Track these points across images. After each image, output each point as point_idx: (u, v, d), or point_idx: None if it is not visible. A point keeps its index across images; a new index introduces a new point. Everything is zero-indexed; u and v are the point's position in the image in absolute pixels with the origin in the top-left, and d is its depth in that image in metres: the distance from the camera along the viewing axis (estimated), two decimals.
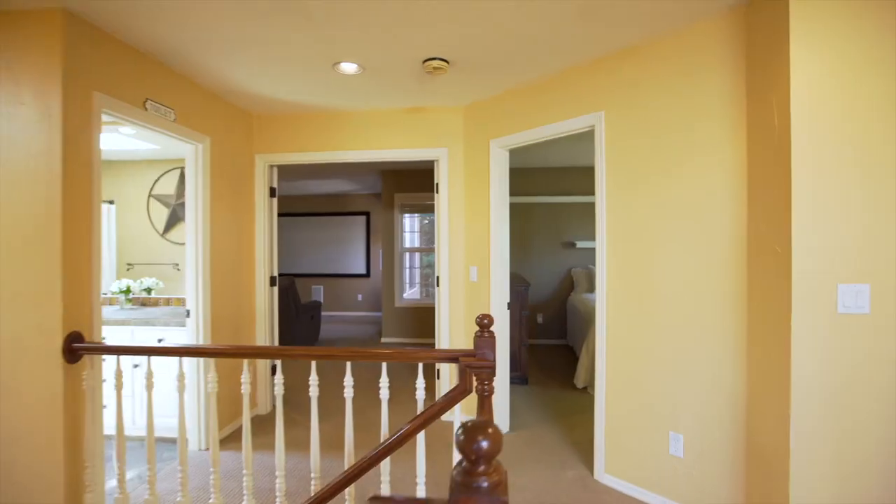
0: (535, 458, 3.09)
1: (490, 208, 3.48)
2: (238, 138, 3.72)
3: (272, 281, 4.04)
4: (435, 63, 2.81)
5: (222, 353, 2.03)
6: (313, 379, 2.07)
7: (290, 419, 3.80)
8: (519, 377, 4.62)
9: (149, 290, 4.08)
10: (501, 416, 3.49)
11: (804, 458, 1.86)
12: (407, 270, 7.72)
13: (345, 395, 2.07)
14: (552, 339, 6.60)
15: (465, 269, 3.72)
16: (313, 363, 2.08)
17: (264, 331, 3.94)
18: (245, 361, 2.12)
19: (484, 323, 1.93)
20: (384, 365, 2.06)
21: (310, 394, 2.08)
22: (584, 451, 3.16)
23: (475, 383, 1.93)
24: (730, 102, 2.23)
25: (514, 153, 5.45)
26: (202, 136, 3.20)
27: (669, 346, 2.46)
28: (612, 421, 2.72)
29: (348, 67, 2.93)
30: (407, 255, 7.73)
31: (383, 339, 6.82)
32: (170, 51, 2.68)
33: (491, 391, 1.92)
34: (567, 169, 6.53)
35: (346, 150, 3.90)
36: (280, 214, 9.54)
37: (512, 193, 6.54)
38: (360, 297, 9.51)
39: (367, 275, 9.42)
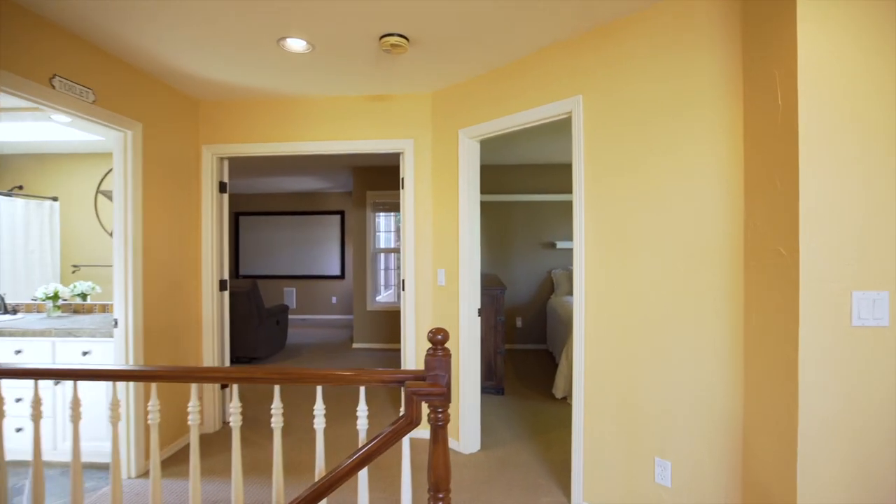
0: (506, 482, 2.78)
1: (459, 205, 3.16)
2: (180, 127, 3.34)
3: (222, 285, 3.66)
4: (392, 40, 2.48)
5: (121, 375, 1.67)
6: (234, 406, 1.72)
7: (242, 437, 3.43)
8: (494, 387, 4.31)
9: (84, 296, 3.67)
10: (472, 432, 3.18)
11: (813, 501, 1.57)
12: (382, 272, 7.38)
13: (272, 424, 1.72)
14: (532, 344, 6.32)
15: (433, 271, 3.40)
16: (234, 387, 1.74)
17: (212, 340, 3.56)
18: (153, 386, 1.77)
19: (437, 339, 1.61)
20: (319, 389, 1.72)
21: (230, 423, 1.73)
22: (562, 473, 2.86)
23: (426, 411, 1.61)
24: (723, 82, 1.94)
25: (488, 146, 5.16)
26: (132, 123, 2.82)
27: (655, 360, 2.17)
28: (592, 443, 2.42)
29: (295, 45, 2.58)
30: (382, 256, 7.38)
31: (355, 345, 6.46)
32: (82, 19, 2.30)
33: (446, 420, 1.61)
34: (547, 166, 6.25)
35: (304, 142, 3.54)
36: (249, 213, 9.10)
37: (489, 191, 6.25)
38: (334, 299, 9.13)
39: (342, 276, 9.05)
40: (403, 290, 3.48)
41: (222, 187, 3.68)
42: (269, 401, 4.21)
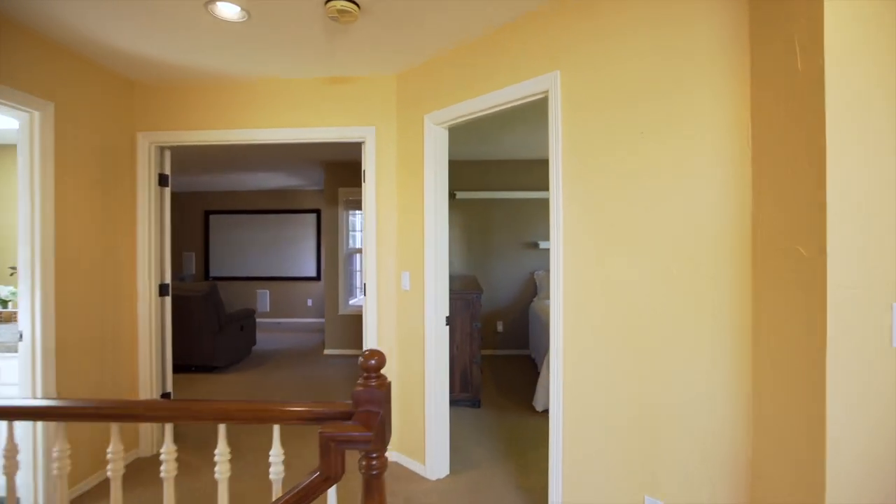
0: None
1: (425, 201, 2.81)
2: (109, 110, 2.93)
3: (162, 290, 3.26)
4: (339, 4, 2.11)
5: None
6: (112, 450, 1.35)
7: (185, 463, 3.03)
8: (469, 399, 3.96)
9: (4, 303, 3.25)
10: (439, 454, 2.82)
11: None
12: (357, 274, 7.00)
13: (161, 473, 1.35)
14: (513, 350, 5.98)
15: (397, 274, 3.04)
16: (114, 427, 1.36)
17: (150, 353, 3.15)
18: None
19: (369, 365, 1.25)
20: (222, 428, 1.35)
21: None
22: (539, 502, 2.52)
23: (358, 460, 1.26)
24: (723, 52, 1.62)
25: (467, 139, 4.76)
26: (39, 102, 2.42)
27: (645, 378, 1.84)
28: (572, 475, 2.08)
29: (227, 10, 2.21)
30: (357, 257, 7.01)
31: (326, 351, 6.07)
32: None
33: (382, 467, 1.25)
34: (530, 161, 5.92)
35: (254, 129, 3.16)
36: (220, 211, 8.65)
37: (468, 188, 5.91)
38: (309, 301, 8.71)
39: (318, 278, 8.64)
40: (365, 294, 3.12)
41: (162, 180, 3.28)
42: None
